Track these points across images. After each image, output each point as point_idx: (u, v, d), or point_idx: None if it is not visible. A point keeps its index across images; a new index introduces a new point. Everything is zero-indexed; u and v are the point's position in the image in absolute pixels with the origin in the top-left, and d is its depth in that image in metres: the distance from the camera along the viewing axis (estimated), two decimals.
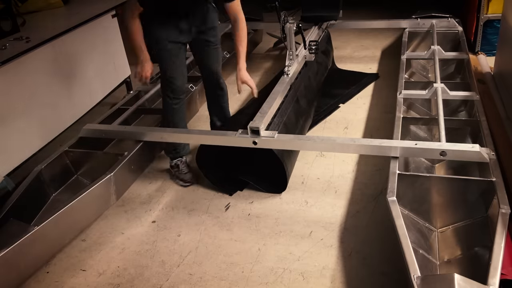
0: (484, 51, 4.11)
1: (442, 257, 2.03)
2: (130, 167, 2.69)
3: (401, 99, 2.95)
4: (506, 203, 1.94)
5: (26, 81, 2.83)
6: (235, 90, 2.82)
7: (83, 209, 2.36)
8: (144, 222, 2.58)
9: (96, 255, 2.37)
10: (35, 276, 2.25)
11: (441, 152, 2.24)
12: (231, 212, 2.60)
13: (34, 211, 2.46)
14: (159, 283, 2.16)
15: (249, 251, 2.31)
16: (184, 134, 2.75)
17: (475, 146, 2.22)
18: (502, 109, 2.87)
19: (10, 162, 2.72)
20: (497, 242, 1.76)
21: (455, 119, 2.87)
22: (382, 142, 2.38)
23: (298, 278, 2.12)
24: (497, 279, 1.60)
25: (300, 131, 2.97)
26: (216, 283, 2.13)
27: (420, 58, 3.77)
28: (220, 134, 2.63)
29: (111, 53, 3.73)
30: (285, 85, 2.96)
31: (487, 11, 4.01)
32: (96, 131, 2.86)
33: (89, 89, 3.46)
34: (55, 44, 3.04)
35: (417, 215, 2.18)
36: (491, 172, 2.13)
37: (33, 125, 2.89)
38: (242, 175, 2.77)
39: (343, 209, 2.54)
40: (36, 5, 3.52)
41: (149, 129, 2.83)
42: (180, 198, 2.76)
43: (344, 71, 4.27)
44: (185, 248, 2.36)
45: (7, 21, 2.96)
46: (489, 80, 3.35)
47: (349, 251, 2.25)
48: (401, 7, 5.17)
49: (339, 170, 2.88)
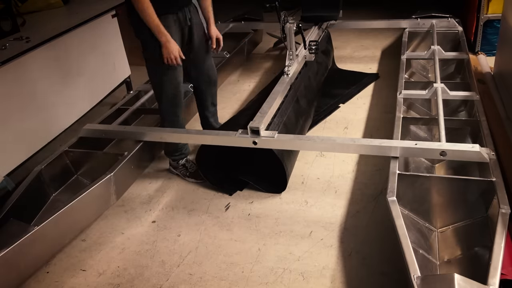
0: (484, 51, 4.11)
1: (442, 257, 2.03)
2: (130, 167, 2.68)
3: (401, 99, 2.95)
4: (506, 203, 1.94)
5: (26, 81, 2.83)
6: (235, 90, 2.82)
7: (83, 209, 2.36)
8: (144, 222, 2.58)
9: (96, 255, 2.37)
10: (35, 276, 2.25)
11: (441, 152, 2.25)
12: (231, 212, 2.60)
13: (34, 211, 2.45)
14: (159, 283, 2.16)
15: (249, 251, 2.31)
16: (184, 134, 2.75)
17: (475, 146, 2.22)
18: (502, 109, 2.87)
19: (10, 162, 2.72)
20: (497, 242, 1.76)
21: (455, 119, 2.87)
22: (382, 142, 2.38)
23: (298, 278, 2.12)
24: (497, 279, 1.60)
25: (300, 131, 2.97)
26: (216, 283, 2.13)
27: (420, 58, 3.77)
28: (220, 134, 2.63)
29: (111, 53, 3.73)
30: (285, 85, 2.96)
31: (487, 11, 4.00)
32: (96, 131, 2.87)
33: (89, 89, 3.46)
34: (55, 44, 3.04)
35: (417, 215, 2.18)
36: (491, 172, 2.13)
37: (33, 125, 2.89)
38: (242, 175, 2.77)
39: (343, 209, 2.54)
40: (36, 5, 3.52)
41: (149, 129, 2.83)
42: (180, 198, 2.76)
43: (344, 71, 4.27)
44: (185, 248, 2.36)
45: (7, 21, 2.96)
46: (489, 80, 3.35)
47: (349, 251, 2.25)
48: (401, 7, 5.17)
49: (339, 170, 2.88)
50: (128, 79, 4.00)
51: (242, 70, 4.57)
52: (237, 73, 4.52)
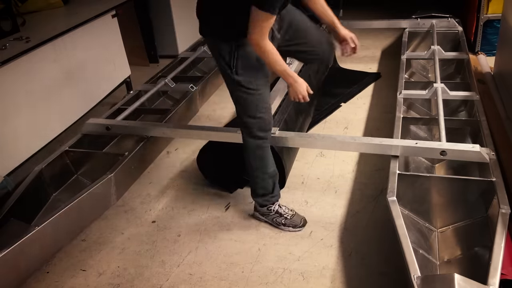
0: (484, 51, 4.11)
1: (442, 257, 2.03)
2: (130, 167, 2.68)
3: (401, 99, 2.95)
4: (506, 203, 1.94)
5: (26, 81, 2.83)
6: None
7: (83, 209, 2.35)
8: (144, 222, 2.58)
9: (96, 255, 2.37)
10: (35, 276, 2.24)
11: (441, 152, 2.25)
12: (231, 212, 2.60)
13: (34, 211, 2.45)
14: (159, 283, 2.16)
15: (249, 251, 2.31)
16: (185, 130, 2.76)
17: (475, 146, 2.22)
18: (502, 109, 2.87)
19: (10, 162, 2.72)
20: (497, 242, 1.76)
21: (455, 119, 2.87)
22: (382, 141, 2.38)
23: (298, 278, 2.12)
24: (497, 279, 1.60)
25: (300, 129, 2.97)
26: (216, 283, 2.13)
27: (420, 58, 3.77)
28: (222, 130, 2.64)
29: (111, 53, 3.73)
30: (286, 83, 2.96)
31: (487, 11, 4.00)
32: (99, 125, 2.85)
33: (89, 89, 3.46)
34: (55, 44, 3.04)
35: (417, 215, 2.18)
36: (491, 172, 2.13)
37: (33, 125, 2.89)
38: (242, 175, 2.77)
39: (343, 209, 2.54)
40: (36, 5, 3.52)
41: (152, 124, 2.84)
42: (180, 198, 2.76)
43: (346, 70, 4.26)
44: (185, 248, 2.36)
45: (7, 21, 2.96)
46: (489, 80, 3.35)
47: (349, 251, 2.25)
48: (401, 7, 5.16)
49: (339, 170, 2.88)
50: (128, 79, 4.00)
51: None
52: None
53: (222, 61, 2.12)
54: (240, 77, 2.11)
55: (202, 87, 3.70)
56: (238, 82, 2.12)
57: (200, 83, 3.63)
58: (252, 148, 2.29)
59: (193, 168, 2.98)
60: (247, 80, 2.13)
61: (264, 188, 2.37)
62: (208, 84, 3.84)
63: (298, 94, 2.17)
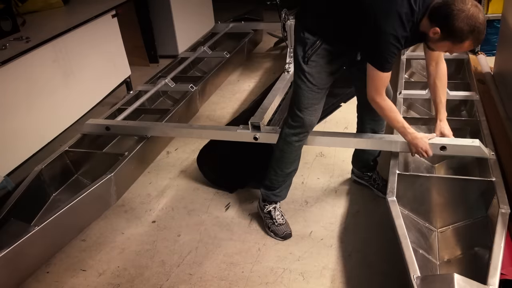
0: (484, 51, 4.10)
1: (442, 257, 2.03)
2: (130, 167, 2.68)
3: (401, 99, 2.95)
4: (506, 203, 1.94)
5: (26, 81, 2.83)
6: (235, 90, 2.82)
7: (83, 209, 2.36)
8: (144, 222, 2.58)
9: (96, 255, 2.37)
10: (35, 276, 2.24)
11: (441, 147, 2.23)
12: (231, 212, 2.60)
13: (34, 211, 2.45)
14: (159, 283, 2.16)
15: (249, 251, 2.31)
16: (185, 129, 2.76)
17: (475, 141, 2.21)
18: (502, 109, 2.87)
19: (10, 162, 2.72)
20: (497, 242, 1.76)
21: (455, 119, 2.86)
22: (382, 137, 2.38)
23: (298, 278, 2.12)
24: (497, 279, 1.61)
25: None
26: (216, 283, 2.13)
27: (420, 58, 3.76)
28: (222, 129, 2.64)
29: (111, 53, 3.73)
30: (286, 82, 2.97)
31: (487, 11, 4.00)
32: (98, 126, 2.86)
33: (89, 89, 3.46)
34: (55, 44, 3.04)
35: (417, 215, 2.18)
36: (491, 172, 2.13)
37: (33, 125, 2.89)
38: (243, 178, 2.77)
39: (343, 209, 2.54)
40: (36, 5, 3.52)
41: (152, 124, 2.84)
42: (180, 198, 2.76)
43: None
44: (185, 248, 2.36)
45: (7, 21, 2.95)
46: (489, 80, 3.34)
47: (349, 251, 2.25)
48: None
49: (339, 170, 2.88)
50: (128, 79, 3.99)
51: (242, 70, 4.57)
52: (237, 73, 4.52)
53: (301, 47, 2.14)
54: (307, 67, 2.14)
55: (202, 87, 3.70)
56: (303, 70, 2.14)
57: (200, 83, 3.63)
58: (282, 136, 2.29)
59: (193, 168, 2.99)
60: (311, 73, 2.14)
61: (272, 182, 2.37)
62: (208, 84, 3.85)
63: (421, 151, 2.15)
